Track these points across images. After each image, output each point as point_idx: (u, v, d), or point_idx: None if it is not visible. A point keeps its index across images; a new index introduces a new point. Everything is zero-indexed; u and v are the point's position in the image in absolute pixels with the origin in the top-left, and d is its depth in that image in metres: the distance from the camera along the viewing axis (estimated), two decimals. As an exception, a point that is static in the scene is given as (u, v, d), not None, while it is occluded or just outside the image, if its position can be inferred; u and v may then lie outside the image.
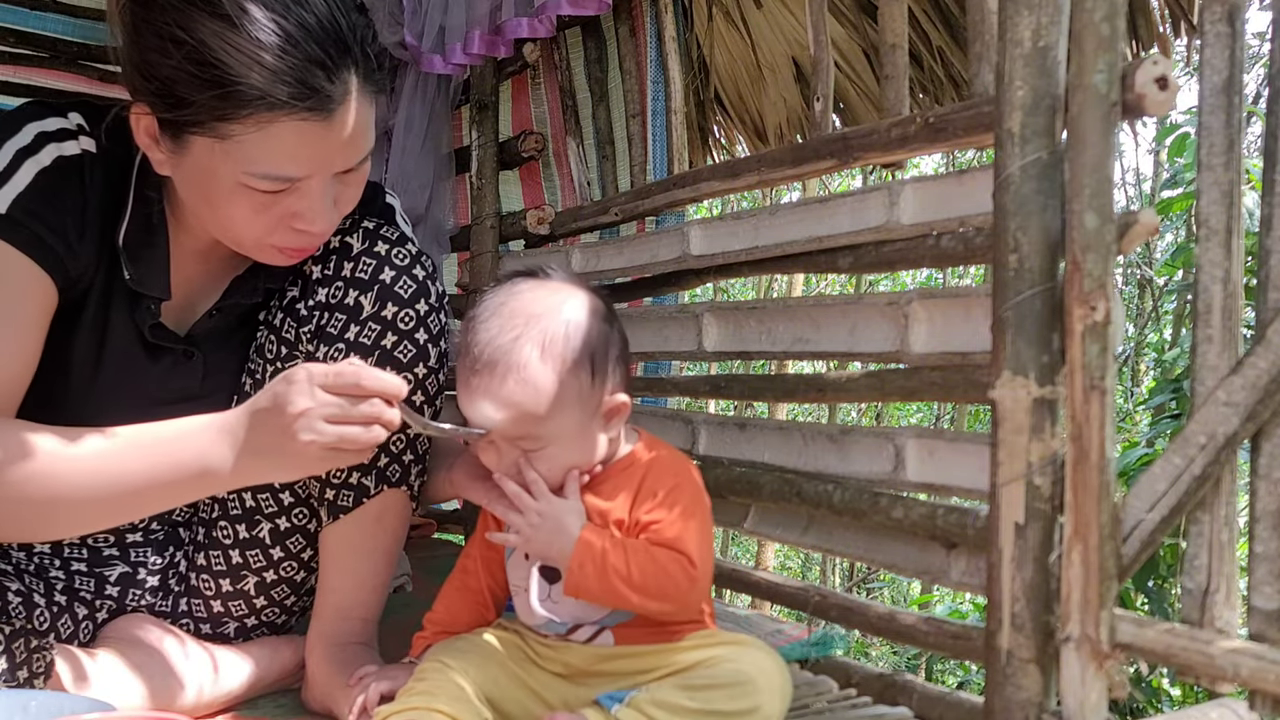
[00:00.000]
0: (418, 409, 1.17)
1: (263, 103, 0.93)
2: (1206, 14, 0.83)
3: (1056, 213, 0.87)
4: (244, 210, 1.00)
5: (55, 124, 1.04)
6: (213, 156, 0.97)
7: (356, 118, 0.99)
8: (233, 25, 0.92)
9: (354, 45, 0.98)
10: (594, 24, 2.09)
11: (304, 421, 0.90)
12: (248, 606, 1.24)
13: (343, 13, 0.98)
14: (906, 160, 1.28)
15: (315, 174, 0.99)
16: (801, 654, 1.31)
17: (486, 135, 2.21)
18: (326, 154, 0.99)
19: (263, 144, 0.95)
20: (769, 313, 1.36)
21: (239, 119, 0.94)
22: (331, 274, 1.15)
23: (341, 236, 1.16)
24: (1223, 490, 0.84)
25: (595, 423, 0.99)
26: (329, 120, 0.96)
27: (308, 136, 0.96)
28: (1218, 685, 0.80)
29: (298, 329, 1.17)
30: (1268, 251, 0.81)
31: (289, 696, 1.21)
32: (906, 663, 5.13)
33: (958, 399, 1.09)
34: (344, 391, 0.91)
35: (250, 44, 0.92)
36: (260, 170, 0.96)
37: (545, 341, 0.95)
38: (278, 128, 0.94)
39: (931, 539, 1.10)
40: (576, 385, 0.96)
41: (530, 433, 0.96)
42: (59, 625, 1.13)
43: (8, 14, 2.66)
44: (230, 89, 0.92)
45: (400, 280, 1.13)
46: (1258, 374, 0.80)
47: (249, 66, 0.92)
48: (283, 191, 0.99)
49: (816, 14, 1.35)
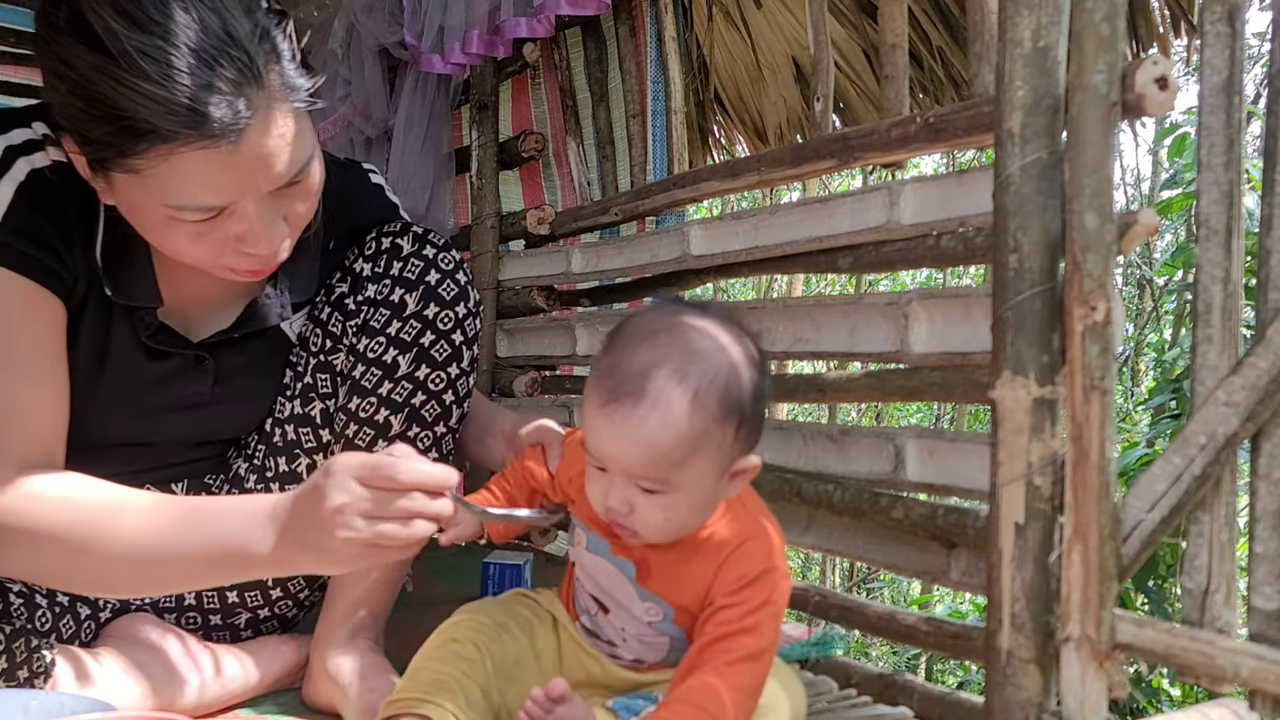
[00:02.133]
0: (447, 408, 1.18)
1: (156, 136, 0.85)
2: (1206, 14, 0.83)
3: (1056, 213, 0.87)
4: (181, 240, 0.95)
5: (21, 136, 1.00)
6: (133, 190, 0.91)
7: (274, 133, 0.91)
8: (110, 57, 0.83)
9: (255, 59, 0.88)
10: (594, 24, 2.09)
11: (340, 517, 0.84)
12: (263, 597, 1.25)
13: (239, 20, 0.88)
14: (906, 160, 1.28)
15: (240, 199, 0.93)
16: (801, 654, 1.31)
17: (486, 135, 2.21)
18: (245, 178, 0.92)
19: (172, 176, 0.88)
20: (769, 313, 1.36)
21: (138, 154, 0.87)
22: (381, 271, 1.19)
23: (393, 239, 1.20)
24: (1223, 490, 0.84)
25: (722, 481, 0.91)
26: (237, 144, 0.88)
27: (218, 164, 0.89)
28: (1218, 685, 0.80)
29: (344, 323, 1.20)
30: (1268, 251, 0.81)
31: (290, 695, 1.21)
32: (906, 663, 5.13)
33: (958, 399, 1.09)
34: (380, 485, 0.85)
35: (131, 75, 0.83)
36: (178, 202, 0.91)
37: (701, 386, 0.86)
38: (180, 159, 0.87)
39: (931, 539, 1.10)
40: (720, 438, 0.87)
41: (657, 476, 0.87)
42: (60, 625, 1.13)
43: (8, 14, 2.66)
44: (121, 124, 0.85)
45: (444, 283, 1.18)
46: (1258, 374, 0.80)
47: (133, 100, 0.84)
48: (215, 218, 0.93)
49: (816, 14, 1.35)
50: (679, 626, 0.96)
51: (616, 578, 0.97)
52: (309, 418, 1.23)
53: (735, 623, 0.89)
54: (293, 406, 1.23)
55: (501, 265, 2.13)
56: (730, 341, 0.89)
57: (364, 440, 1.16)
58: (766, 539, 0.94)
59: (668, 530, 0.91)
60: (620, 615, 0.98)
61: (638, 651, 0.99)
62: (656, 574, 0.94)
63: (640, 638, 0.98)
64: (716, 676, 0.86)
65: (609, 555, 0.98)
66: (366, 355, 1.17)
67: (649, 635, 0.98)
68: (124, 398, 1.12)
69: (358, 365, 1.18)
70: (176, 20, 0.85)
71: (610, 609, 0.99)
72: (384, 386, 1.16)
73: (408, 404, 1.16)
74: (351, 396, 1.17)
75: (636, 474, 0.87)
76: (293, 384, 1.24)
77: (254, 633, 1.27)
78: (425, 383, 1.16)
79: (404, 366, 1.16)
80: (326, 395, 1.23)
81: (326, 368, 1.23)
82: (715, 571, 0.92)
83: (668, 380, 0.85)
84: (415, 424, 1.17)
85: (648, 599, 0.96)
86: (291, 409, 1.23)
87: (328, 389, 1.23)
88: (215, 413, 1.20)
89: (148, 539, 0.92)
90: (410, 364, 1.16)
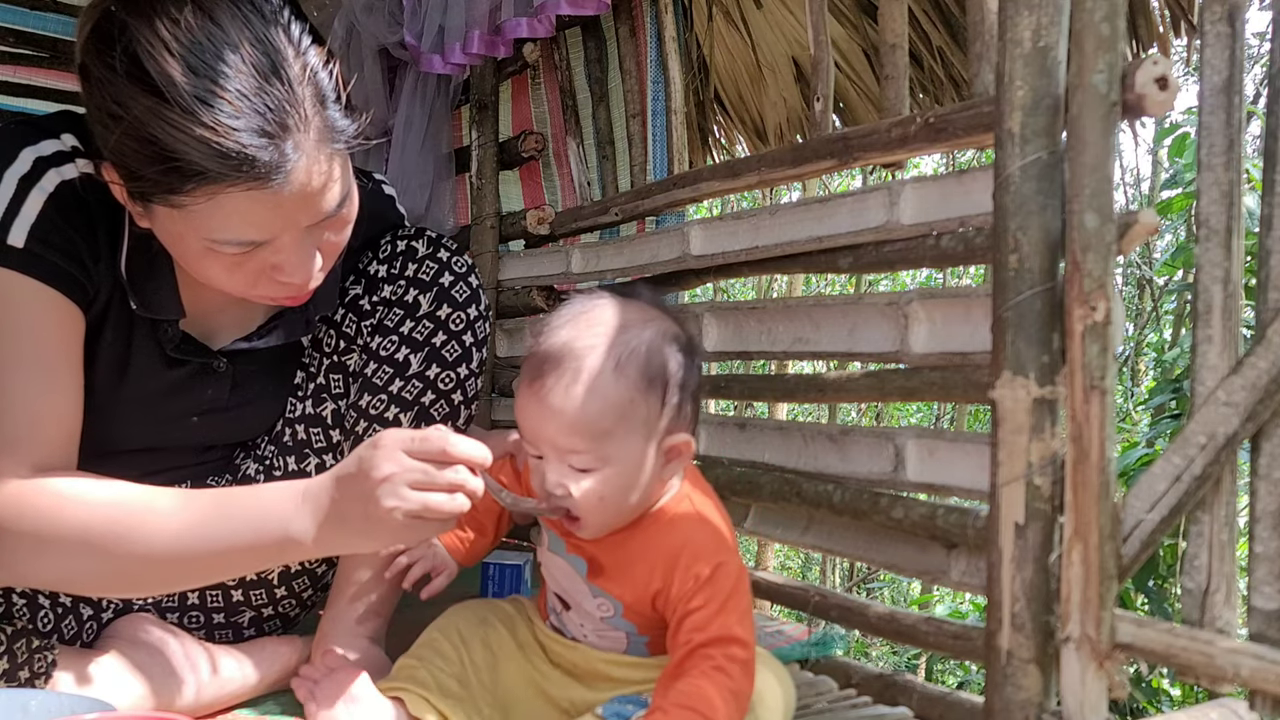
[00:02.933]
0: (455, 408, 1.21)
1: (204, 178, 0.87)
2: (1206, 14, 0.83)
3: (1056, 213, 0.87)
4: (218, 270, 0.96)
5: (50, 147, 1.01)
6: (175, 222, 0.93)
7: (318, 173, 0.93)
8: (164, 100, 0.85)
9: (303, 104, 0.90)
10: (594, 24, 2.09)
11: (388, 487, 0.86)
12: (268, 596, 1.26)
13: (290, 65, 0.90)
14: (906, 160, 1.28)
15: (281, 234, 0.95)
16: (801, 654, 1.31)
17: (486, 135, 2.21)
18: (288, 215, 0.94)
19: (216, 213, 0.90)
20: (769, 313, 1.36)
21: (185, 192, 0.89)
22: (397, 273, 1.22)
23: (408, 242, 1.23)
24: (1223, 490, 0.84)
25: (655, 459, 0.93)
26: (282, 185, 0.90)
27: (262, 203, 0.91)
28: (1218, 685, 0.80)
29: (359, 323, 1.22)
30: (1268, 251, 0.81)
31: (289, 696, 1.21)
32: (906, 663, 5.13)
33: (958, 399, 1.09)
34: (429, 457, 0.87)
35: (184, 119, 0.85)
36: (221, 237, 0.92)
37: (622, 355, 0.90)
38: (226, 198, 0.89)
39: (931, 539, 1.10)
40: (645, 409, 0.90)
41: (587, 449, 0.90)
42: (62, 626, 1.13)
43: (8, 14, 2.66)
44: (171, 165, 0.87)
45: (457, 285, 1.21)
46: (1258, 374, 0.80)
47: (185, 143, 0.86)
48: (253, 250, 0.95)
49: (816, 14, 1.35)
50: (629, 621, 0.99)
51: (571, 575, 1.00)
52: (320, 418, 1.24)
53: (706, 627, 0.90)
54: (304, 407, 1.24)
55: (501, 265, 2.13)
56: (653, 318, 0.93)
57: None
58: (709, 531, 0.95)
59: (605, 511, 0.92)
60: (579, 611, 1.01)
61: (599, 643, 1.02)
62: (606, 571, 0.96)
63: (598, 632, 1.01)
64: (704, 679, 0.87)
65: (564, 553, 1.00)
66: (379, 353, 1.19)
67: (604, 630, 1.00)
68: (142, 405, 1.12)
69: (370, 363, 1.20)
70: (231, 65, 0.87)
71: (571, 605, 1.02)
72: (395, 384, 1.17)
73: (417, 402, 1.18)
74: (363, 394, 1.19)
75: (565, 447, 0.90)
76: (305, 385, 1.26)
77: (257, 631, 1.28)
78: (435, 382, 1.18)
79: (415, 365, 1.18)
80: (339, 396, 1.24)
81: (339, 368, 1.24)
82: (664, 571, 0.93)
83: (588, 352, 0.89)
84: (424, 422, 1.19)
85: (599, 595, 0.98)
86: (303, 409, 1.24)
87: (340, 389, 1.24)
88: (231, 417, 1.21)
89: (183, 534, 0.92)
90: (421, 363, 1.18)
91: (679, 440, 0.93)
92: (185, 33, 0.86)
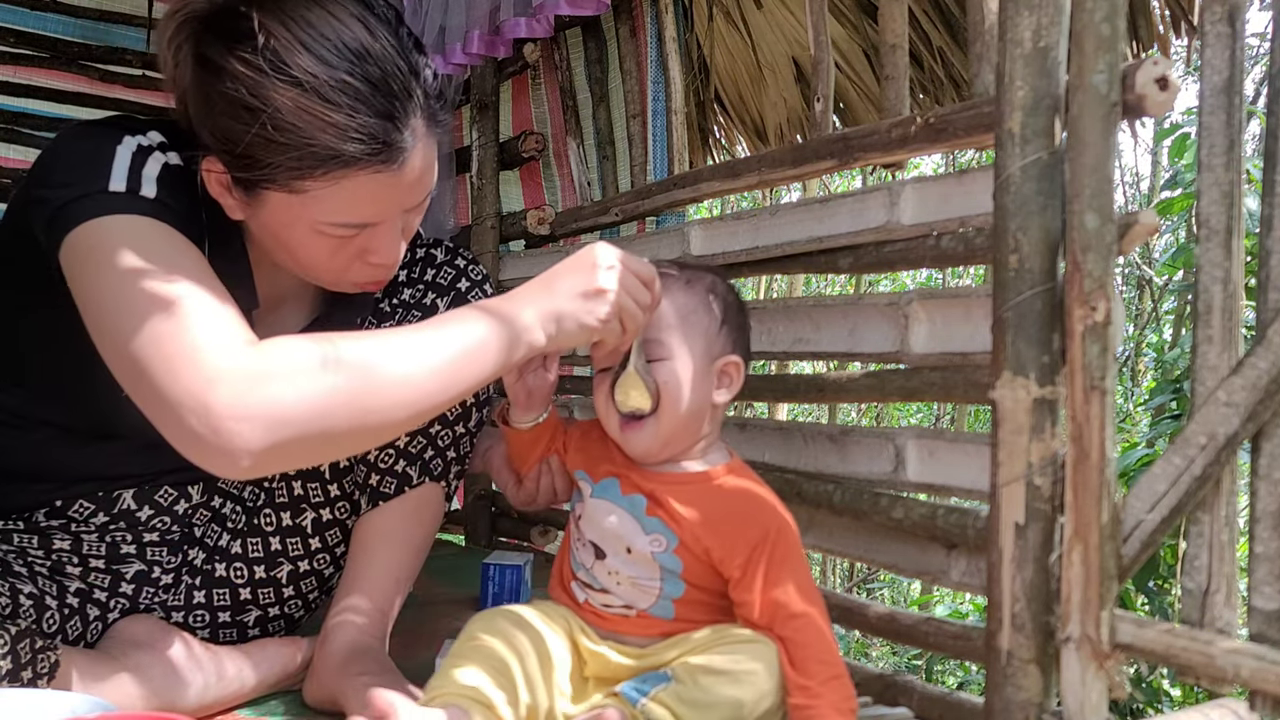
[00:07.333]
0: (467, 409, 1.26)
1: (337, 161, 0.95)
2: (1206, 14, 0.84)
3: (1056, 213, 0.87)
4: (320, 253, 1.03)
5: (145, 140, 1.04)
6: (289, 209, 0.99)
7: (424, 159, 1.02)
8: (304, 90, 0.93)
9: (416, 90, 0.99)
10: (594, 24, 2.09)
11: (606, 272, 0.98)
12: (275, 595, 1.27)
13: (405, 57, 0.99)
14: (906, 160, 1.28)
15: (390, 216, 1.03)
16: (802, 654, 1.31)
17: (486, 135, 2.21)
18: (398, 198, 1.02)
19: (337, 196, 0.97)
20: (769, 313, 1.37)
21: (313, 177, 0.96)
22: (416, 277, 1.27)
23: (427, 249, 1.30)
24: (1223, 490, 0.84)
25: (710, 371, 1.05)
26: (401, 168, 0.99)
27: (380, 186, 0.99)
28: (1218, 685, 0.80)
29: (378, 324, 1.25)
30: (1268, 251, 0.81)
31: (291, 697, 1.21)
32: (906, 663, 5.12)
33: (958, 399, 1.09)
34: (636, 271, 1.00)
35: (322, 106, 0.93)
36: (335, 220, 0.99)
37: (692, 277, 1.08)
38: (351, 181, 0.97)
39: (931, 539, 1.10)
40: (706, 321, 1.06)
41: (658, 337, 1.04)
42: (67, 627, 1.14)
43: (8, 14, 2.66)
44: (305, 151, 0.94)
45: (474, 290, 1.27)
46: (1258, 374, 0.80)
47: (322, 130, 0.94)
48: (356, 234, 1.02)
49: (816, 14, 1.35)
50: (678, 558, 1.01)
51: (623, 515, 1.04)
52: None
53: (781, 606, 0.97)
54: None
55: (502, 265, 2.13)
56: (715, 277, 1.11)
57: None
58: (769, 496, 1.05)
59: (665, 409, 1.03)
60: (616, 558, 1.04)
61: (629, 596, 1.03)
62: (665, 506, 1.03)
63: (634, 580, 1.03)
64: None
65: (617, 496, 1.06)
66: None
67: (643, 574, 1.03)
68: None
69: None
70: (360, 58, 0.95)
71: (607, 554, 1.04)
72: None
73: None
74: None
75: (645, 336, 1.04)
76: None
77: (261, 632, 1.28)
78: None
79: None
80: None
81: None
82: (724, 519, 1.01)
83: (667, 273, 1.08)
84: (438, 422, 1.23)
85: (654, 530, 1.02)
86: None
87: None
88: None
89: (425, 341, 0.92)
90: None
91: (731, 360, 1.06)
92: (318, 29, 0.94)
